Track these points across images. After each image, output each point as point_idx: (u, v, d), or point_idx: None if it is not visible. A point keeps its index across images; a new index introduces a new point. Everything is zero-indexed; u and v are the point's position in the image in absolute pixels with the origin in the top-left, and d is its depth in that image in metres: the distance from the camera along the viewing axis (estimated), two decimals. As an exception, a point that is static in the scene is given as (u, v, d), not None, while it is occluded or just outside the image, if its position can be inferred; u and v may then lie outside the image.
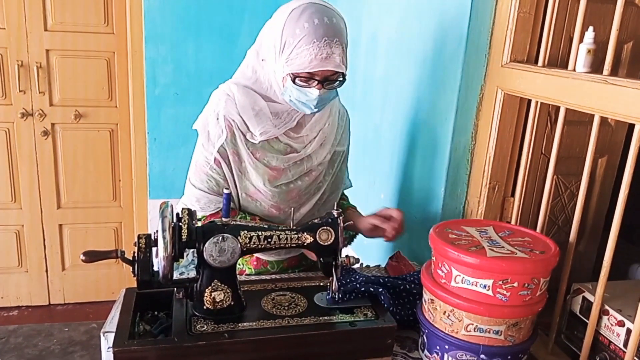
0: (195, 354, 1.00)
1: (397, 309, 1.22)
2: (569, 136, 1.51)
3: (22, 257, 3.12)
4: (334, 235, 1.13)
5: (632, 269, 1.67)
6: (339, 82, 1.27)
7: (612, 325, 1.10)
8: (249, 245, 1.09)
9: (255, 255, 1.47)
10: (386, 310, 1.16)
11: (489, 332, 1.02)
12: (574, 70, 1.14)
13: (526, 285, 1.00)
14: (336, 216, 1.14)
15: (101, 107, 2.98)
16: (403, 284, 1.26)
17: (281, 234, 1.12)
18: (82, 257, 1.02)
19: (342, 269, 1.16)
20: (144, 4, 2.77)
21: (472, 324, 1.03)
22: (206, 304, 1.08)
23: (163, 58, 2.86)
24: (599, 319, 1.12)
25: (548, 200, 1.25)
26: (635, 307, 1.06)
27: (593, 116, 1.09)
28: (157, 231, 1.00)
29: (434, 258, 1.11)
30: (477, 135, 1.44)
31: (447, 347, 1.06)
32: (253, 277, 1.44)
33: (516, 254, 1.03)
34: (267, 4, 2.78)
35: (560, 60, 1.38)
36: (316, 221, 1.15)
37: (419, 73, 1.70)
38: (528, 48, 1.32)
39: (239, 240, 1.07)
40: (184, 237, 1.03)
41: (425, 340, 1.12)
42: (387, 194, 1.95)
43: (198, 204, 1.36)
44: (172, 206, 1.05)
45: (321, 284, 1.26)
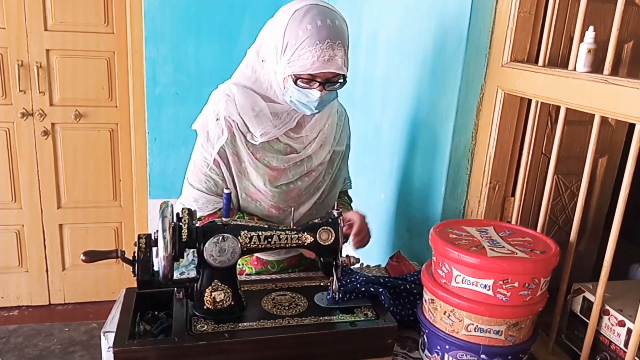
0: (196, 354, 1.00)
1: (397, 309, 1.22)
2: (569, 136, 1.51)
3: (23, 257, 3.12)
4: (334, 235, 1.13)
5: (632, 268, 1.67)
6: (339, 83, 1.27)
7: (612, 325, 1.10)
8: (249, 245, 1.09)
9: (255, 254, 1.47)
10: (386, 310, 1.16)
11: (490, 332, 1.02)
12: (575, 70, 1.14)
13: (527, 285, 1.00)
14: (336, 216, 1.14)
15: (101, 107, 2.98)
16: (403, 283, 1.26)
17: (281, 233, 1.12)
18: (82, 257, 1.02)
19: (342, 269, 1.16)
20: (144, 3, 2.77)
21: (473, 324, 1.03)
22: (206, 304, 1.08)
23: (163, 58, 2.86)
24: (600, 318, 1.12)
25: (548, 200, 1.25)
26: (635, 307, 1.06)
27: (593, 116, 1.09)
28: (157, 231, 1.00)
29: (434, 258, 1.11)
30: (478, 135, 1.44)
31: (447, 347, 1.06)
32: (253, 277, 1.44)
33: (517, 253, 1.03)
34: (268, 4, 2.78)
35: (560, 60, 1.38)
36: (316, 221, 1.15)
37: (419, 73, 1.70)
38: (528, 48, 1.32)
39: (239, 240, 1.07)
40: (184, 237, 1.03)
41: (426, 340, 1.12)
42: (388, 193, 1.95)
43: (196, 204, 1.36)
44: (172, 206, 1.05)
45: (321, 283, 1.26)
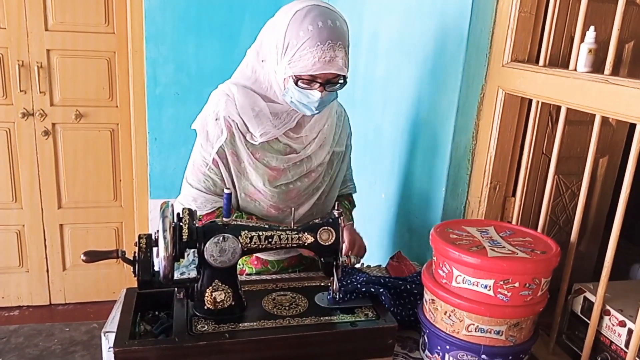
0: (196, 354, 1.00)
1: (398, 309, 1.22)
2: (570, 136, 1.51)
3: (23, 257, 3.12)
4: (334, 235, 1.13)
5: (633, 269, 1.67)
6: (340, 84, 1.27)
7: (613, 325, 1.10)
8: (249, 245, 1.09)
9: (255, 254, 1.47)
10: (387, 310, 1.16)
11: (490, 333, 1.02)
12: (575, 70, 1.14)
13: (527, 285, 1.00)
14: (337, 216, 1.14)
15: (102, 107, 2.98)
16: (404, 284, 1.26)
17: (282, 234, 1.12)
18: (82, 257, 1.02)
19: (342, 269, 1.16)
20: (144, 3, 2.77)
21: (473, 324, 1.02)
22: (207, 304, 1.08)
23: (164, 58, 2.86)
24: (600, 319, 1.12)
25: (549, 200, 1.25)
26: (636, 307, 1.06)
27: (594, 116, 1.09)
28: (157, 231, 1.00)
29: (434, 258, 1.11)
30: (478, 135, 1.44)
31: (448, 347, 1.06)
32: (254, 277, 1.44)
33: (517, 254, 1.03)
34: (268, 4, 2.78)
35: (561, 60, 1.38)
36: (317, 221, 1.15)
37: (419, 73, 1.70)
38: (529, 48, 1.32)
39: (239, 240, 1.07)
40: (184, 237, 1.03)
41: (426, 340, 1.12)
42: (388, 193, 1.95)
43: (195, 204, 1.37)
44: (172, 206, 1.05)
45: (322, 284, 1.26)
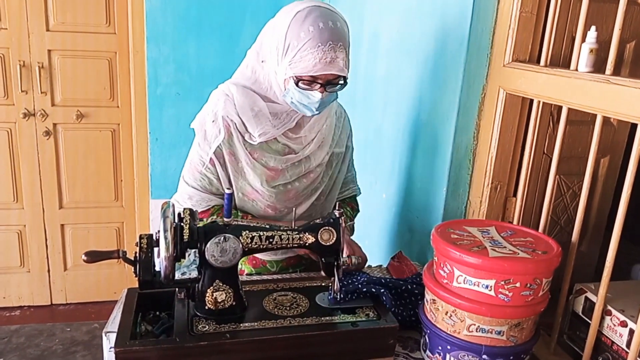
0: (197, 354, 1.00)
1: (399, 310, 1.22)
2: (571, 136, 1.51)
3: (24, 257, 3.12)
4: (335, 236, 1.13)
5: (634, 269, 1.67)
6: (340, 85, 1.27)
7: (614, 325, 1.10)
8: (250, 245, 1.09)
9: (253, 255, 1.47)
10: (388, 310, 1.15)
11: (491, 333, 1.02)
12: (576, 70, 1.13)
13: (528, 285, 1.00)
14: (338, 216, 1.14)
15: (103, 107, 2.99)
16: (405, 284, 1.26)
17: (283, 234, 1.12)
18: (84, 257, 1.02)
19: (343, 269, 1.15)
20: (145, 4, 2.77)
21: (474, 324, 1.02)
22: (208, 304, 1.08)
23: (165, 58, 2.86)
24: (602, 319, 1.12)
25: (550, 200, 1.25)
26: (637, 307, 1.06)
27: (595, 116, 1.09)
28: (158, 231, 1.00)
29: (435, 258, 1.11)
30: (479, 135, 1.44)
31: (449, 347, 1.06)
32: (255, 277, 1.44)
33: (518, 254, 1.03)
34: (269, 4, 2.78)
35: (562, 60, 1.38)
36: (318, 221, 1.15)
37: (420, 73, 1.70)
38: (530, 48, 1.32)
39: (240, 241, 1.07)
40: (185, 237, 1.03)
41: (427, 340, 1.12)
42: (389, 194, 1.95)
43: (190, 202, 1.38)
44: (173, 206, 1.05)
45: (323, 284, 1.26)
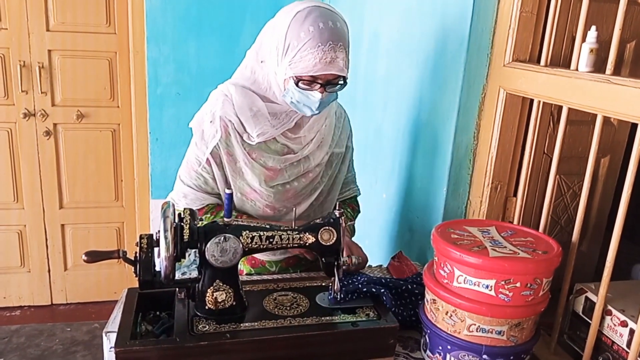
0: (197, 354, 1.00)
1: (399, 309, 1.22)
2: (571, 136, 1.51)
3: (25, 257, 3.12)
4: (335, 235, 1.13)
5: (635, 269, 1.67)
6: (340, 85, 1.28)
7: (615, 325, 1.10)
8: (250, 245, 1.09)
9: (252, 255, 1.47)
10: (388, 310, 1.15)
11: (492, 333, 1.02)
12: (577, 70, 1.13)
13: (529, 285, 1.00)
14: (338, 216, 1.14)
15: (103, 107, 2.99)
16: (405, 284, 1.26)
17: (283, 234, 1.12)
18: (84, 257, 1.02)
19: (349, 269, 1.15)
20: (145, 3, 2.77)
21: (475, 324, 1.02)
22: (208, 304, 1.08)
23: (165, 58, 2.86)
24: (602, 319, 1.12)
25: (550, 200, 1.25)
26: (638, 307, 1.06)
27: (595, 116, 1.09)
28: (159, 231, 1.00)
29: (436, 258, 1.11)
30: (480, 135, 1.43)
31: (449, 347, 1.06)
32: (255, 277, 1.44)
33: (519, 254, 1.03)
34: (269, 4, 2.78)
35: (562, 60, 1.38)
36: (318, 221, 1.15)
37: (420, 72, 1.70)
38: (530, 47, 1.32)
39: (240, 241, 1.07)
40: (185, 237, 1.03)
41: (428, 340, 1.12)
42: (389, 193, 1.95)
43: (185, 200, 1.40)
44: (174, 206, 1.05)
45: (323, 284, 1.26)
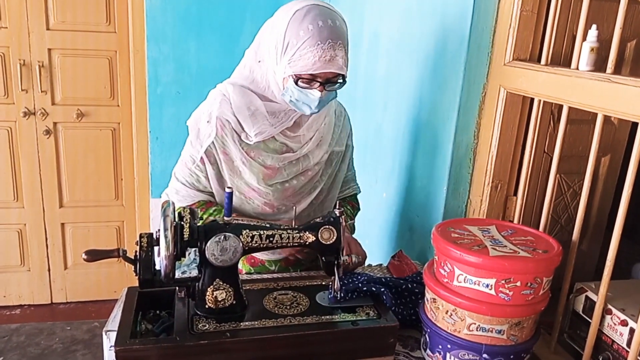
0: (197, 353, 1.00)
1: (399, 308, 1.22)
2: (571, 135, 1.50)
3: (25, 256, 3.12)
4: (336, 235, 1.13)
5: (635, 268, 1.67)
6: (339, 83, 1.28)
7: (615, 324, 1.10)
8: (250, 244, 1.09)
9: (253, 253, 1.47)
10: (388, 309, 1.15)
11: (492, 332, 1.02)
12: (577, 69, 1.13)
13: (529, 284, 1.00)
14: (338, 215, 1.14)
15: (103, 106, 2.99)
16: (405, 283, 1.26)
17: (283, 233, 1.12)
18: (84, 256, 1.02)
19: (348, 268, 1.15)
20: (145, 3, 2.77)
21: (475, 323, 1.02)
22: (208, 303, 1.08)
23: (165, 57, 2.86)
24: (602, 318, 1.12)
25: (551, 199, 1.24)
26: (638, 306, 1.06)
27: (596, 115, 1.09)
28: (159, 230, 1.00)
29: (436, 257, 1.11)
30: (480, 134, 1.43)
31: (449, 346, 1.06)
32: (255, 276, 1.44)
33: (519, 253, 1.03)
34: (269, 3, 2.78)
35: (563, 59, 1.37)
36: (318, 220, 1.15)
37: (420, 72, 1.69)
38: (531, 46, 1.32)
39: (240, 240, 1.07)
40: (185, 236, 1.03)
41: (428, 339, 1.12)
42: (389, 193, 1.95)
43: (177, 196, 1.41)
44: (173, 205, 1.05)
45: (323, 283, 1.26)
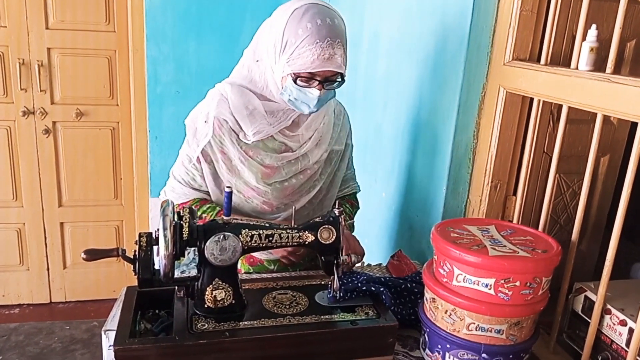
0: (196, 353, 1.00)
1: (398, 308, 1.22)
2: (571, 135, 1.51)
3: (24, 255, 3.12)
4: (335, 234, 1.13)
5: (634, 268, 1.67)
6: (338, 82, 1.28)
7: (614, 324, 1.10)
8: (250, 243, 1.09)
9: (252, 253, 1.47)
10: (387, 309, 1.15)
11: (491, 331, 1.02)
12: (577, 69, 1.13)
13: (528, 284, 1.00)
14: (337, 215, 1.13)
15: (102, 106, 2.98)
16: (404, 283, 1.26)
17: (282, 232, 1.11)
18: (83, 255, 1.02)
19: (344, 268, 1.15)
20: (145, 2, 2.76)
21: (474, 323, 1.02)
22: (207, 303, 1.08)
23: (164, 56, 2.85)
24: (601, 318, 1.12)
25: (550, 199, 1.24)
26: (637, 306, 1.06)
27: (595, 115, 1.09)
28: (158, 229, 1.00)
29: (435, 257, 1.11)
30: (479, 134, 1.43)
31: (448, 346, 1.06)
32: (254, 276, 1.44)
33: (518, 252, 1.03)
34: (269, 3, 2.77)
35: (562, 59, 1.38)
36: (317, 220, 1.15)
37: (420, 71, 1.69)
38: (530, 46, 1.32)
39: (240, 239, 1.07)
40: (185, 235, 1.03)
41: (427, 339, 1.12)
42: (389, 192, 1.95)
43: (172, 193, 1.43)
44: (173, 204, 1.05)
45: (322, 282, 1.26)
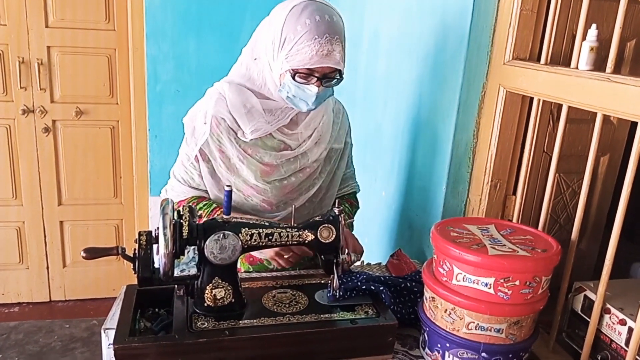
0: (196, 351, 1.00)
1: (398, 307, 1.22)
2: (571, 134, 1.50)
3: (23, 254, 3.12)
4: (335, 233, 1.13)
5: (633, 267, 1.67)
6: (336, 79, 1.28)
7: (613, 323, 1.10)
8: (249, 242, 1.09)
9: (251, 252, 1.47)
10: (387, 308, 1.15)
11: (490, 331, 1.02)
12: (577, 68, 1.13)
13: (528, 283, 1.00)
14: (337, 214, 1.14)
15: (102, 104, 2.98)
16: (404, 282, 1.26)
17: (282, 231, 1.12)
18: (82, 254, 1.02)
19: (343, 267, 1.15)
20: (145, 0, 2.76)
21: (473, 322, 1.02)
22: (207, 301, 1.08)
23: (164, 55, 2.85)
24: (601, 317, 1.12)
25: (550, 198, 1.24)
26: (636, 305, 1.06)
27: (595, 114, 1.09)
28: (158, 228, 1.00)
29: (435, 256, 1.11)
30: (479, 133, 1.43)
31: (448, 345, 1.06)
32: (254, 275, 1.44)
33: (518, 252, 1.03)
34: (268, 1, 2.77)
35: (562, 58, 1.37)
36: (317, 219, 1.15)
37: (420, 71, 1.69)
38: (530, 46, 1.32)
39: (239, 238, 1.07)
40: (184, 234, 1.03)
41: (427, 338, 1.12)
42: (389, 191, 1.95)
43: (172, 191, 1.46)
44: (172, 203, 1.05)
45: (322, 281, 1.26)
